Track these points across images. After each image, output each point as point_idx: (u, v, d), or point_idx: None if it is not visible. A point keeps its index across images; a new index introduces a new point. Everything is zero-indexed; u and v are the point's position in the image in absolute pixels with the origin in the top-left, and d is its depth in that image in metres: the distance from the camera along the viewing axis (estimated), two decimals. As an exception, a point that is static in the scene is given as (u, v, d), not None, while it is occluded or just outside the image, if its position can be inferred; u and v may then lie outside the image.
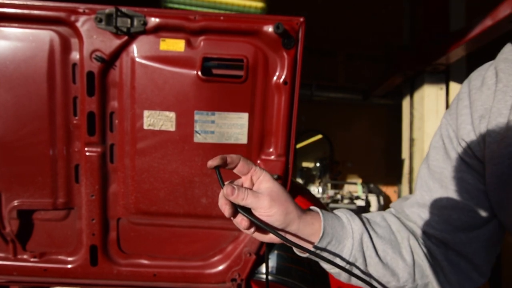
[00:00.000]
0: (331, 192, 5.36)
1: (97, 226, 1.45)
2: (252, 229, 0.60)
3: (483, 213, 0.63)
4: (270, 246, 1.52)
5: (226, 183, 0.59)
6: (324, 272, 1.58)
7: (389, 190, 6.42)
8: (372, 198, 5.30)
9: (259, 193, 0.57)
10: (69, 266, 1.50)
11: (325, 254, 0.62)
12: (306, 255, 0.64)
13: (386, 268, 0.64)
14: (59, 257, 1.51)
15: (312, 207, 0.66)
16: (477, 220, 0.63)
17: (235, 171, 0.61)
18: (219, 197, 0.59)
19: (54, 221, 1.48)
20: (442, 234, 0.66)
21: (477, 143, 0.62)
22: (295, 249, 0.63)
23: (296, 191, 1.62)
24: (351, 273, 0.60)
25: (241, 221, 0.59)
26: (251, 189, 0.59)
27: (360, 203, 5.05)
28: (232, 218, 0.59)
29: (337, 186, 6.11)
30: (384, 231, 0.68)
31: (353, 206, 4.79)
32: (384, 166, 6.68)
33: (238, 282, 1.51)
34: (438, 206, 0.66)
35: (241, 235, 1.52)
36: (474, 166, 0.63)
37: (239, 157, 0.60)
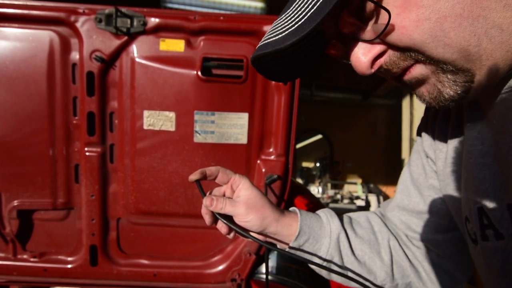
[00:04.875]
0: (331, 192, 5.36)
1: (97, 226, 1.45)
2: (232, 234, 0.65)
3: None
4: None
5: (207, 193, 0.65)
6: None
7: (389, 190, 6.42)
8: (372, 198, 5.30)
9: (237, 201, 0.62)
10: (69, 266, 1.50)
11: (302, 252, 0.66)
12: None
13: (362, 266, 0.68)
14: (59, 257, 1.51)
15: (292, 208, 0.69)
16: (453, 223, 0.64)
17: (216, 181, 0.66)
18: (202, 207, 0.64)
19: (54, 221, 1.48)
20: (422, 236, 0.69)
21: (433, 155, 0.65)
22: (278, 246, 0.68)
23: (296, 191, 1.62)
24: (328, 269, 0.64)
25: (221, 227, 0.64)
26: (231, 197, 0.64)
27: (360, 203, 5.05)
28: (214, 224, 0.65)
29: (337, 186, 6.11)
30: (365, 232, 0.71)
31: (353, 206, 4.79)
32: (384, 166, 6.68)
33: (238, 282, 1.51)
34: (416, 210, 0.69)
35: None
36: None
37: (218, 169, 0.65)
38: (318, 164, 6.27)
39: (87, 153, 1.39)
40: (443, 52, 0.41)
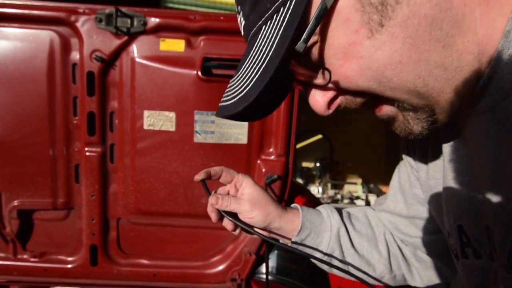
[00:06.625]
0: (331, 192, 5.35)
1: (97, 226, 1.45)
2: (238, 230, 0.67)
3: None
4: (270, 246, 1.52)
5: (212, 192, 0.67)
6: (324, 272, 1.58)
7: (389, 190, 6.41)
8: (372, 198, 5.29)
9: (241, 199, 0.64)
10: (69, 266, 1.50)
11: (304, 246, 0.68)
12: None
13: (362, 259, 0.71)
14: (59, 257, 1.51)
15: (294, 205, 0.72)
16: (438, 227, 0.65)
17: (220, 180, 0.69)
18: (207, 205, 0.66)
19: (54, 221, 1.48)
20: (409, 238, 0.71)
21: (416, 166, 0.66)
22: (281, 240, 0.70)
23: (296, 191, 1.62)
24: (329, 264, 0.66)
25: (227, 224, 0.66)
26: (235, 195, 0.66)
27: (360, 203, 5.04)
28: (220, 222, 0.67)
29: (337, 186, 6.10)
30: (362, 226, 0.74)
31: (353, 206, 4.78)
32: (385, 166, 6.68)
33: (238, 282, 1.51)
34: (403, 215, 0.71)
35: (241, 235, 1.52)
36: None
37: (222, 169, 0.68)
38: (318, 164, 6.26)
39: (87, 153, 1.39)
40: (392, 94, 0.42)
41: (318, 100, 0.46)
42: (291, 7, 0.39)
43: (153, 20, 1.30)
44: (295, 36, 0.39)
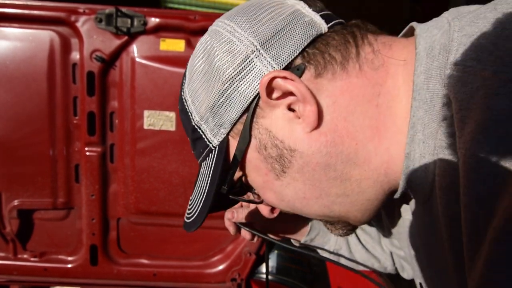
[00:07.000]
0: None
1: (97, 226, 1.45)
2: (255, 238, 0.72)
3: None
4: (270, 246, 1.52)
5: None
6: (324, 272, 1.58)
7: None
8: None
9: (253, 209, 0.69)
10: (69, 265, 1.50)
11: (314, 244, 0.75)
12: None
13: (368, 253, 0.76)
14: (59, 256, 1.51)
15: None
16: None
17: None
18: (224, 219, 0.71)
19: (54, 221, 1.48)
20: (391, 246, 0.77)
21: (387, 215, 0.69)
22: (293, 241, 0.77)
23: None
24: (336, 262, 0.69)
25: (245, 234, 0.71)
26: (247, 207, 0.71)
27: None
28: (238, 233, 0.72)
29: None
30: (366, 224, 0.76)
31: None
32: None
33: (238, 282, 1.51)
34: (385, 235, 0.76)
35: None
36: None
37: None
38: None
39: (87, 153, 1.39)
40: (308, 216, 0.49)
41: (263, 208, 0.56)
42: (215, 155, 0.47)
43: (153, 20, 1.30)
44: (221, 178, 0.47)
